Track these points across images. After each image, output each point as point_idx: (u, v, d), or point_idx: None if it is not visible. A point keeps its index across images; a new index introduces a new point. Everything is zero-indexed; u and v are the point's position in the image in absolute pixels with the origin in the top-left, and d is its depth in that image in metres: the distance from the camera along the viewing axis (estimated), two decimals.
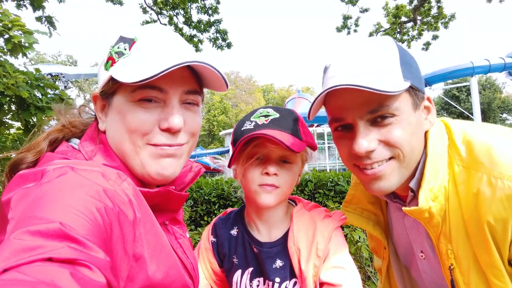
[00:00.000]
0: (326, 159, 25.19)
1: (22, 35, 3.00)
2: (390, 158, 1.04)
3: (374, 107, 0.99)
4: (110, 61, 0.95)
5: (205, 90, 1.09)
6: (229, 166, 1.27)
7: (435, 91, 23.74)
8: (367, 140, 1.01)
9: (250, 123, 1.20)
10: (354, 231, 3.43)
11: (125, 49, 0.94)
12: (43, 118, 3.33)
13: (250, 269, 1.27)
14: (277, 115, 1.20)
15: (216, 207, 6.02)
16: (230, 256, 1.32)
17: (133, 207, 0.80)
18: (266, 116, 1.20)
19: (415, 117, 1.04)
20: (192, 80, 0.99)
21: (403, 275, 1.39)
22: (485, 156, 0.97)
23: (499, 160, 0.95)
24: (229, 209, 1.47)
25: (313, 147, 1.29)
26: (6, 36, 3.02)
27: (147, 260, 0.80)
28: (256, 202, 1.20)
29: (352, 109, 1.02)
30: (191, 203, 6.08)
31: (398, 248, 1.37)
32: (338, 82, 0.96)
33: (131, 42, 0.95)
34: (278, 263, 1.21)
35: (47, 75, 14.24)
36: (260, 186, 1.18)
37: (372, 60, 1.02)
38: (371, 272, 3.48)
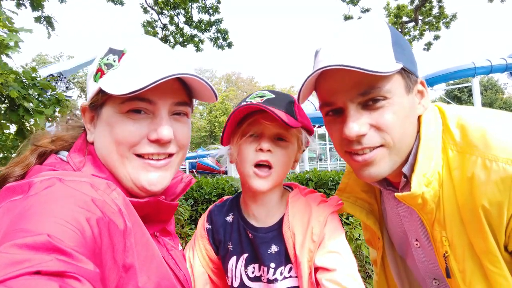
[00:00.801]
0: (328, 160, 25.21)
1: (7, 33, 2.91)
2: (380, 146, 1.02)
3: (365, 89, 0.97)
4: (99, 73, 0.95)
5: None
6: (221, 142, 1.27)
7: (437, 92, 23.69)
8: (358, 123, 0.99)
9: (245, 103, 1.20)
10: (354, 229, 3.42)
11: (114, 61, 0.95)
12: (34, 122, 3.27)
13: (245, 255, 1.26)
14: (273, 96, 1.20)
15: None
16: (225, 243, 1.31)
17: (123, 217, 0.79)
18: (261, 96, 1.20)
19: (408, 100, 1.03)
20: (182, 91, 1.00)
21: (398, 266, 1.37)
22: (480, 139, 0.96)
23: (494, 143, 0.93)
24: (225, 197, 1.46)
25: (309, 130, 1.28)
26: None
27: (137, 271, 0.80)
28: (250, 187, 1.19)
29: (343, 92, 1.00)
30: (191, 202, 6.08)
31: (393, 237, 1.35)
32: (329, 63, 0.94)
33: (120, 54, 0.95)
34: (273, 248, 1.20)
35: (48, 76, 14.24)
36: (253, 170, 1.17)
37: (363, 41, 1.00)
38: (372, 270, 3.47)
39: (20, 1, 4.84)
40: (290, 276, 1.18)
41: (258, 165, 1.19)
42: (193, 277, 1.28)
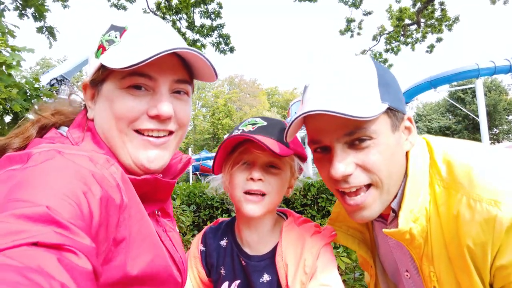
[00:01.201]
0: None
1: (9, 53, 2.92)
2: (369, 186, 1.03)
3: (351, 129, 0.98)
4: (101, 49, 0.95)
5: (210, 94, 1.08)
6: (213, 170, 1.28)
7: (440, 93, 23.50)
8: (344, 163, 1.00)
9: (237, 131, 1.21)
10: None
11: (115, 37, 0.95)
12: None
13: (237, 281, 1.27)
14: (265, 123, 1.22)
15: (219, 212, 6.01)
16: (218, 267, 1.32)
17: (120, 192, 0.79)
18: (253, 124, 1.22)
19: (394, 138, 1.03)
20: (182, 69, 1.00)
21: None
22: (465, 177, 0.96)
23: (478, 182, 0.93)
24: (221, 219, 1.47)
25: (302, 157, 1.28)
26: None
27: (128, 246, 0.79)
28: (243, 212, 1.19)
29: (329, 131, 1.01)
30: (194, 208, 6.07)
31: (385, 265, 1.35)
32: (314, 107, 0.96)
33: (122, 30, 0.96)
34: (266, 277, 1.21)
35: (52, 80, 14.25)
36: (244, 195, 1.18)
37: (349, 82, 1.01)
38: None
39: (23, 12, 4.89)
40: None
41: (250, 192, 1.19)
42: None
